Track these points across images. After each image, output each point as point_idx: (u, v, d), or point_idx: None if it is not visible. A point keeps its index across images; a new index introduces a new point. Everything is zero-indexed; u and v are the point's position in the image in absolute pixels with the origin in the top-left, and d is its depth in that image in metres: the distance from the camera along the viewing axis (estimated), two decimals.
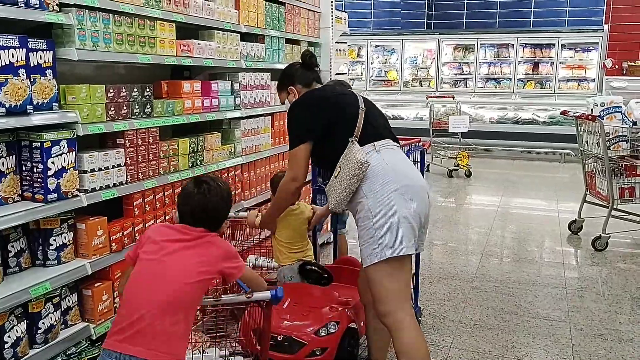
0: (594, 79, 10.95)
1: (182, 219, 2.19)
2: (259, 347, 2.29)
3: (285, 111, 4.53)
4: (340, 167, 2.44)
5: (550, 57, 11.17)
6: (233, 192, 3.84)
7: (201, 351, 2.19)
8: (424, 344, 2.42)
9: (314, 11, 5.04)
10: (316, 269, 3.13)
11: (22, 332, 2.35)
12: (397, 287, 2.37)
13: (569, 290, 4.45)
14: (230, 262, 2.12)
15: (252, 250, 3.92)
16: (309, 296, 2.86)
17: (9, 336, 2.29)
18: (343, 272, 3.34)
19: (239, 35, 3.85)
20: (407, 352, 2.36)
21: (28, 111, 2.31)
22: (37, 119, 2.37)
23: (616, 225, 5.51)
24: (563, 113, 5.87)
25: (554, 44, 11.04)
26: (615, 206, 5.42)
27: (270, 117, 4.33)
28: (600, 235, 5.38)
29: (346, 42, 5.80)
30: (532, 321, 3.87)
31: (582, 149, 5.79)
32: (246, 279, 2.20)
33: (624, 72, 10.84)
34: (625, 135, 5.28)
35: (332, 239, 4.31)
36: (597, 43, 10.76)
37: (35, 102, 2.35)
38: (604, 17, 11.25)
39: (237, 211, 3.77)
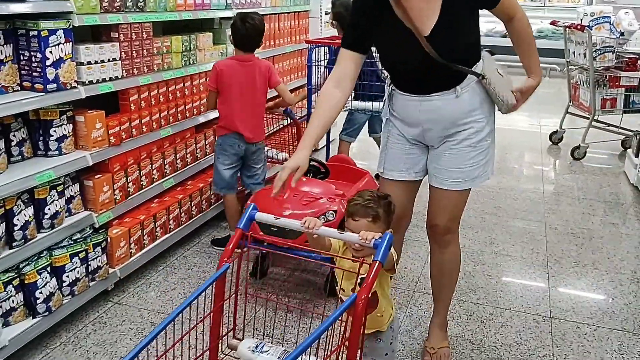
0: None
1: (237, 46, 3.33)
2: None
3: (277, 14, 4.53)
4: (499, 68, 2.22)
5: None
6: None
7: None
8: None
9: None
10: (315, 163, 3.26)
11: (29, 217, 2.45)
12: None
13: (546, 194, 4.67)
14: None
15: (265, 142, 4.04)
16: (308, 188, 2.99)
17: (17, 219, 2.39)
18: (338, 169, 3.48)
19: None
20: (458, 260, 2.51)
21: None
22: (33, 6, 2.35)
23: (596, 137, 5.69)
24: (552, 23, 5.87)
25: None
26: (596, 117, 5.57)
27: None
28: (579, 145, 5.56)
29: None
30: (510, 221, 4.10)
31: (568, 60, 5.85)
32: (280, 89, 3.49)
33: None
34: (612, 46, 5.34)
35: (324, 141, 4.42)
36: None
37: None
38: None
39: None
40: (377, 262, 1.60)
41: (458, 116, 2.19)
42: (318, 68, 3.88)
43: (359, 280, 1.74)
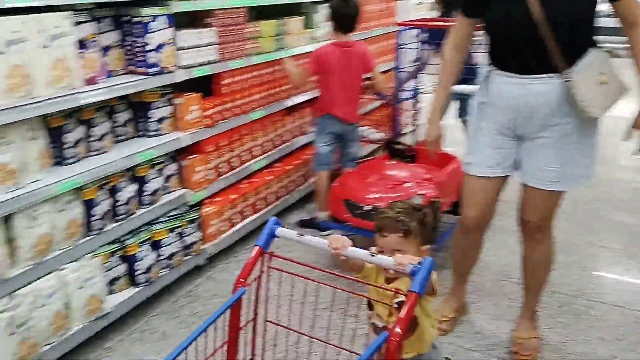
0: None
1: (336, 26, 3.39)
2: None
3: None
4: (607, 74, 2.05)
5: None
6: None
7: None
8: None
9: None
10: (402, 147, 3.24)
11: (132, 193, 2.62)
12: None
13: None
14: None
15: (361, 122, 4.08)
16: (394, 171, 2.98)
17: (121, 195, 2.56)
18: (427, 153, 3.46)
19: None
20: (548, 260, 2.40)
21: None
22: None
23: None
24: None
25: None
26: None
27: None
28: None
29: None
30: (607, 211, 3.89)
31: None
32: (374, 74, 3.58)
33: None
34: None
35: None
36: None
37: None
38: None
39: None
40: (414, 293, 1.39)
41: (561, 105, 2.04)
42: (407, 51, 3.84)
43: (395, 306, 1.55)
